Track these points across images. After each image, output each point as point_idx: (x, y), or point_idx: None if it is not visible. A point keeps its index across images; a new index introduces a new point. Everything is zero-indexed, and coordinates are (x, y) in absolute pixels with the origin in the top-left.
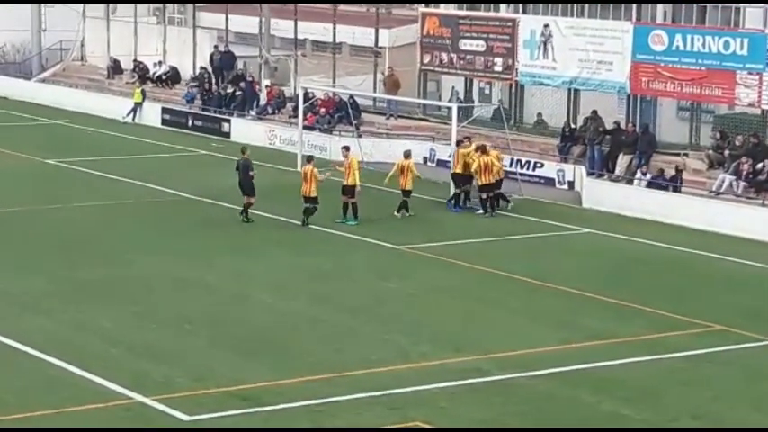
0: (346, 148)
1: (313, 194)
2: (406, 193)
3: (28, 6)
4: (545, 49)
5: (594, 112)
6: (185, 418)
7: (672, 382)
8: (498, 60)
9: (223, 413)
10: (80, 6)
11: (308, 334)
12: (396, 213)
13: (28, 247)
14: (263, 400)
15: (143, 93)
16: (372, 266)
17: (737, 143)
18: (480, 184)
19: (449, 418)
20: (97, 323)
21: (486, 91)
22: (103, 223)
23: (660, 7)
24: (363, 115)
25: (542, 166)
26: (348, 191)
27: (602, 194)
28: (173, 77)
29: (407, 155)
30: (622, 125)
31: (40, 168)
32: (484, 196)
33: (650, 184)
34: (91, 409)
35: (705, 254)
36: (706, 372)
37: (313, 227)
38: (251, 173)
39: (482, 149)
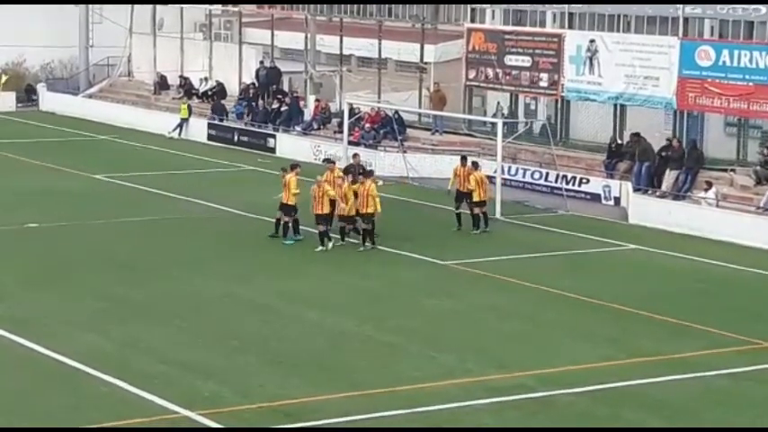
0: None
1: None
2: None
3: (75, 22)
4: (591, 65)
5: (637, 134)
6: None
7: (717, 400)
8: (544, 76)
9: (267, 428)
10: (127, 22)
11: (352, 350)
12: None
13: (76, 263)
14: (306, 415)
15: (189, 108)
16: (418, 282)
17: None
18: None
19: None
20: (145, 339)
21: (532, 106)
22: (150, 239)
23: (707, 22)
24: (408, 131)
25: (588, 181)
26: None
27: (648, 210)
28: (219, 93)
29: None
30: (669, 141)
31: (87, 183)
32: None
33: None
34: (137, 423)
35: (753, 270)
36: (752, 390)
37: (358, 242)
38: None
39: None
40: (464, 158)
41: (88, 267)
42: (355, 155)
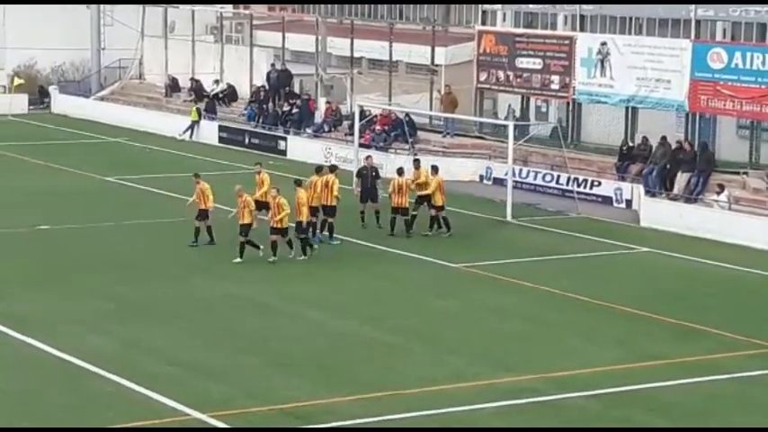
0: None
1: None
2: (403, 211)
3: (87, 25)
4: (602, 67)
5: (664, 137)
6: None
7: (728, 403)
8: (555, 78)
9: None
10: (139, 25)
11: (360, 352)
12: (395, 233)
13: (86, 265)
14: (315, 418)
15: (199, 111)
16: (427, 284)
17: None
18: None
19: None
20: (152, 340)
21: (543, 109)
22: (160, 240)
23: (719, 24)
24: (419, 133)
25: (600, 184)
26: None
27: (660, 213)
28: (230, 95)
29: (401, 172)
30: (681, 144)
31: (99, 186)
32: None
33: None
34: (147, 425)
35: (765, 274)
36: (763, 393)
37: (366, 244)
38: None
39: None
40: (416, 161)
41: (98, 268)
42: (368, 156)
